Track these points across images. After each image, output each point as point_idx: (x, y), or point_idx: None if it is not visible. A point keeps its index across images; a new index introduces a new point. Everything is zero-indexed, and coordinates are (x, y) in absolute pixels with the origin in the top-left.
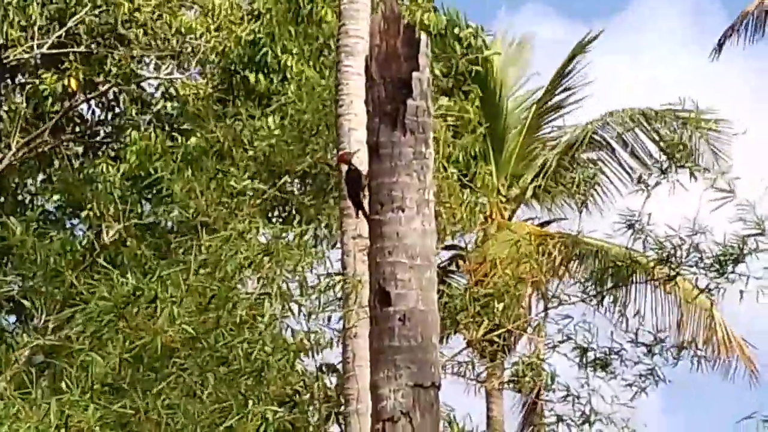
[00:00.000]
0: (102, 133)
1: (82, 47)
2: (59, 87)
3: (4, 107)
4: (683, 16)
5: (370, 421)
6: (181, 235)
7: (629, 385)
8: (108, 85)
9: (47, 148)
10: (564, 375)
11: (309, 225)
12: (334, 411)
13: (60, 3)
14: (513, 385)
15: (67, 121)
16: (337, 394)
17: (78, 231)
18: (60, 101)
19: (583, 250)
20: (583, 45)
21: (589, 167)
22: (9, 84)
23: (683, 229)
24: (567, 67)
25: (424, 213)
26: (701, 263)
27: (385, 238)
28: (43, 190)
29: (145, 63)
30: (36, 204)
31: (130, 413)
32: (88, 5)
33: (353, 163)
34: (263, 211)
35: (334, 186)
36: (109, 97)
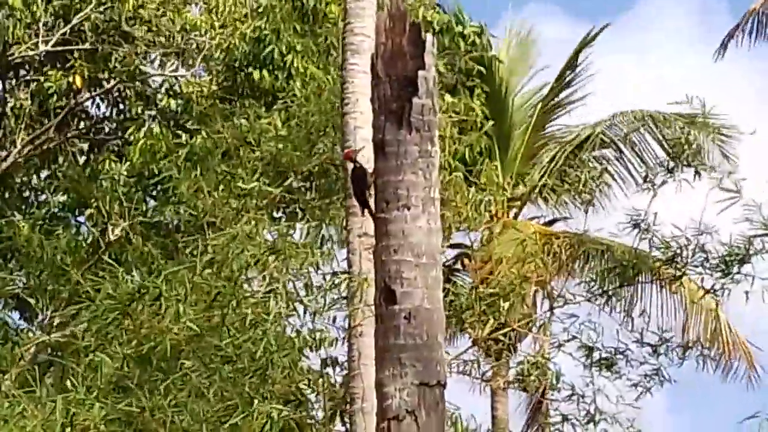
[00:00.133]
0: (107, 129)
1: (87, 44)
2: (64, 84)
3: (9, 105)
4: (690, 15)
5: (375, 420)
6: (188, 235)
7: (634, 385)
8: (113, 83)
9: (52, 145)
10: (569, 374)
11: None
12: (339, 409)
13: (65, 0)
14: (518, 384)
15: (72, 118)
16: (343, 393)
17: (83, 229)
18: (65, 98)
19: (588, 249)
20: (588, 40)
21: (595, 166)
22: (14, 81)
23: (689, 229)
24: (573, 62)
25: (430, 211)
26: (707, 263)
27: (390, 237)
28: (48, 186)
29: (150, 60)
30: (41, 201)
31: (136, 411)
32: (93, 2)
33: (359, 161)
34: (270, 211)
35: (341, 187)
36: (114, 94)
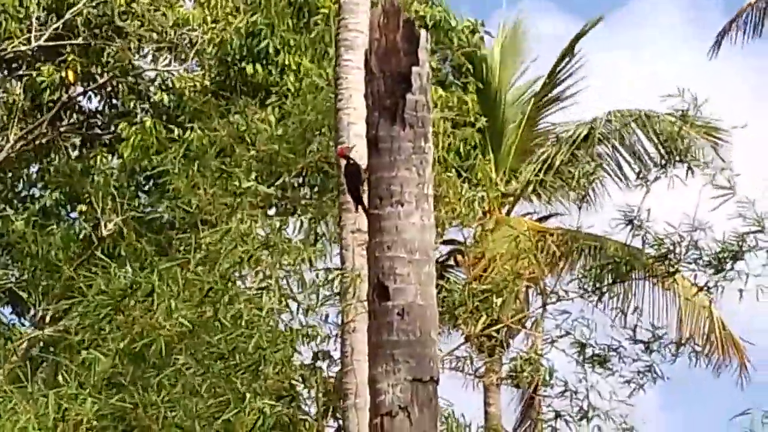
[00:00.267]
0: (99, 124)
1: (80, 39)
2: (57, 79)
3: (1, 99)
4: (683, 11)
5: (368, 416)
6: (182, 232)
7: (627, 381)
8: (106, 77)
9: (45, 140)
10: (562, 371)
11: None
12: (332, 405)
13: None
14: (511, 380)
15: (64, 112)
16: (336, 389)
17: (76, 224)
18: (58, 93)
19: (582, 245)
20: (581, 34)
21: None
22: (6, 76)
23: (682, 225)
24: (566, 57)
25: (423, 208)
26: (700, 260)
27: (384, 233)
28: (41, 180)
29: (143, 55)
30: (34, 196)
31: (129, 407)
32: None
33: (352, 158)
34: (264, 207)
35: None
36: (106, 89)
